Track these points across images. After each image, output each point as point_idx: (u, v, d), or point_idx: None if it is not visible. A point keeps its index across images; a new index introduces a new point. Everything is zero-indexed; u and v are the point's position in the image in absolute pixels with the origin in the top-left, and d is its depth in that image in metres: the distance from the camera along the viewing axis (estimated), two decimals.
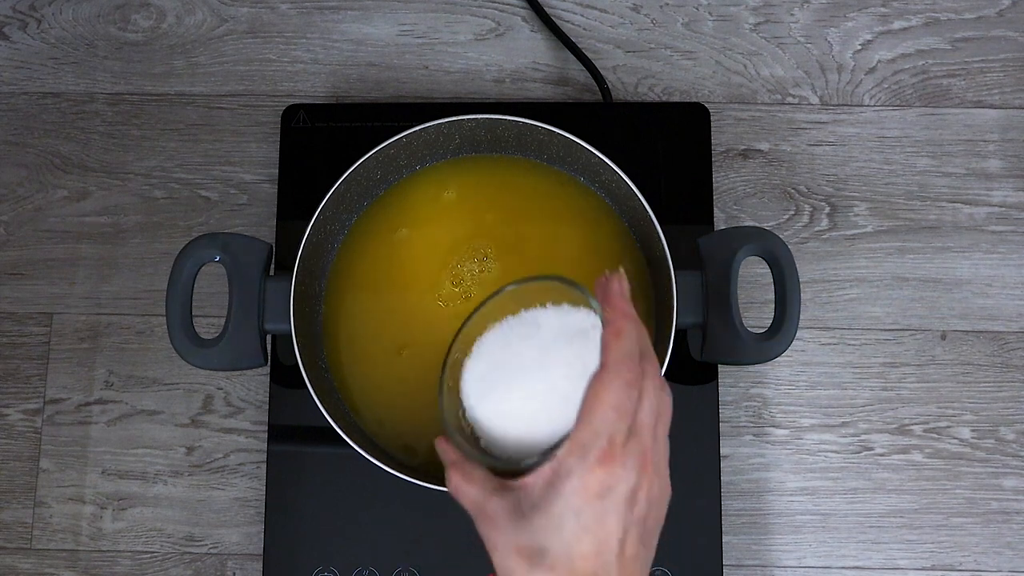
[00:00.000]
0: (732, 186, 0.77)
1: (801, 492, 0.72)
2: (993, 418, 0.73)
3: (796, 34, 0.80)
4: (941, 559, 0.71)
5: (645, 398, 0.46)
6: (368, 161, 0.66)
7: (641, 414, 0.45)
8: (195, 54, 0.80)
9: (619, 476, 0.44)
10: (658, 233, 0.63)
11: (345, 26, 0.80)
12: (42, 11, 0.81)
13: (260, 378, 0.74)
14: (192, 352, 0.63)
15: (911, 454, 0.73)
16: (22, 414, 0.74)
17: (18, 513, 0.73)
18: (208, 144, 0.78)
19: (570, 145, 0.66)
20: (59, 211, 0.77)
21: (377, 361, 0.68)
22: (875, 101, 0.78)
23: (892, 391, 0.74)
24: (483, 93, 0.79)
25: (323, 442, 0.70)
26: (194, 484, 0.73)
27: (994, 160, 0.77)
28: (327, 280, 0.69)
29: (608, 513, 0.44)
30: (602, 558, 0.44)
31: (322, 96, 0.79)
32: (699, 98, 0.78)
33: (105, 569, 0.72)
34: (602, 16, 0.80)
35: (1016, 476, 0.72)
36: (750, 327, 0.63)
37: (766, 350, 0.62)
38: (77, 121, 0.79)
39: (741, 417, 0.73)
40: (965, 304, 0.75)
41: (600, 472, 0.44)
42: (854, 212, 0.76)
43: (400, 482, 0.61)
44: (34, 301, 0.76)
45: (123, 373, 0.74)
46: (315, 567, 0.69)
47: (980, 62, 0.79)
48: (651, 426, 0.46)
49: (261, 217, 0.77)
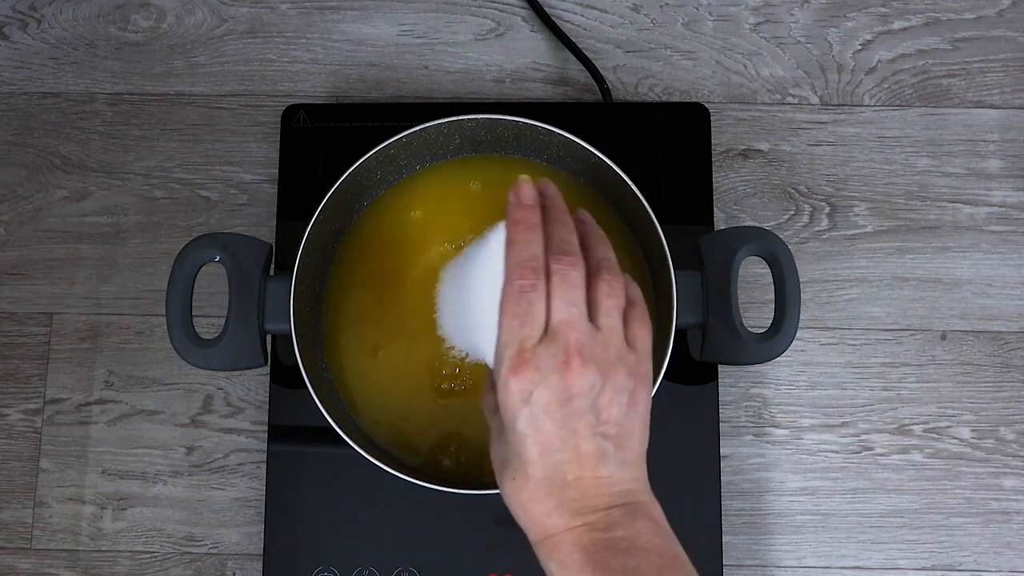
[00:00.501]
0: (732, 186, 0.77)
1: (801, 492, 0.72)
2: (993, 418, 0.73)
3: (796, 34, 0.80)
4: (941, 559, 0.71)
5: (555, 297, 0.46)
6: (368, 161, 0.66)
7: (556, 314, 0.46)
8: (195, 54, 0.80)
9: (534, 379, 0.45)
10: (658, 233, 0.63)
11: (345, 26, 0.80)
12: (42, 11, 0.81)
13: (260, 378, 0.74)
14: (192, 352, 0.63)
15: (911, 454, 0.73)
16: (22, 414, 0.74)
17: (18, 513, 0.73)
18: (208, 144, 0.78)
19: (570, 145, 0.66)
20: (59, 211, 0.77)
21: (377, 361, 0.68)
22: (875, 101, 0.78)
23: (892, 391, 0.74)
24: (483, 93, 0.79)
25: (323, 442, 0.70)
26: (194, 484, 0.73)
27: (994, 160, 0.77)
28: (327, 280, 0.69)
29: (540, 416, 0.45)
30: (550, 459, 0.46)
31: (322, 96, 0.79)
32: (699, 98, 0.78)
33: (105, 569, 0.72)
34: (602, 16, 0.80)
35: (1016, 476, 0.72)
36: (750, 327, 0.63)
37: (766, 350, 0.62)
38: (77, 121, 0.79)
39: (741, 417, 0.73)
40: (965, 304, 0.75)
41: (514, 381, 0.45)
42: (854, 212, 0.76)
43: (400, 482, 0.61)
44: (34, 301, 0.76)
45: (123, 373, 0.74)
46: (315, 567, 0.69)
47: (980, 62, 0.79)
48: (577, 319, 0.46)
49: (261, 217, 0.77)
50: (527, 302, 0.46)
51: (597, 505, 0.46)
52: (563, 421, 0.46)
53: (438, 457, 0.66)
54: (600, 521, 0.45)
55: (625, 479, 0.46)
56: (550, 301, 0.46)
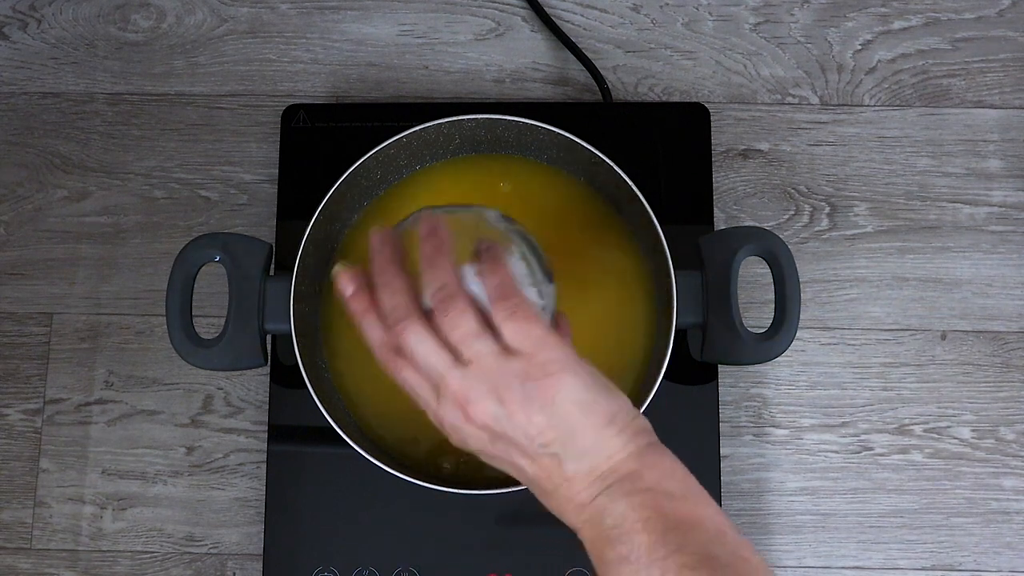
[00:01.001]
0: (732, 186, 0.77)
1: (801, 492, 0.72)
2: (993, 418, 0.73)
3: (796, 34, 0.80)
4: (941, 559, 0.71)
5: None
6: (368, 161, 0.66)
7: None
8: (195, 54, 0.80)
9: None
10: (658, 233, 0.63)
11: (345, 26, 0.80)
12: (42, 11, 0.81)
13: (260, 378, 0.74)
14: (192, 352, 0.63)
15: (911, 454, 0.73)
16: (22, 414, 0.74)
17: (18, 513, 0.73)
18: (208, 144, 0.78)
19: (570, 145, 0.66)
20: (59, 211, 0.77)
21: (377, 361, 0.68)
22: (875, 101, 0.78)
23: (892, 391, 0.74)
24: (483, 93, 0.79)
25: (323, 442, 0.70)
26: (194, 484, 0.73)
27: (994, 160, 0.77)
28: (327, 280, 0.69)
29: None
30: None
31: (322, 96, 0.79)
32: (699, 98, 0.78)
33: (105, 569, 0.72)
34: (602, 16, 0.80)
35: (1016, 476, 0.72)
36: (750, 327, 0.63)
37: (766, 350, 0.62)
38: (77, 121, 0.79)
39: (741, 417, 0.73)
40: (965, 304, 0.75)
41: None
42: (854, 212, 0.76)
43: (400, 482, 0.61)
44: (34, 301, 0.76)
45: (123, 373, 0.74)
46: (315, 567, 0.69)
47: (980, 62, 0.79)
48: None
49: (261, 217, 0.77)
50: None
51: (583, 500, 0.45)
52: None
53: (438, 458, 0.66)
54: (594, 516, 0.45)
55: (595, 464, 0.45)
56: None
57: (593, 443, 0.45)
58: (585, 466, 0.45)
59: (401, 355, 0.48)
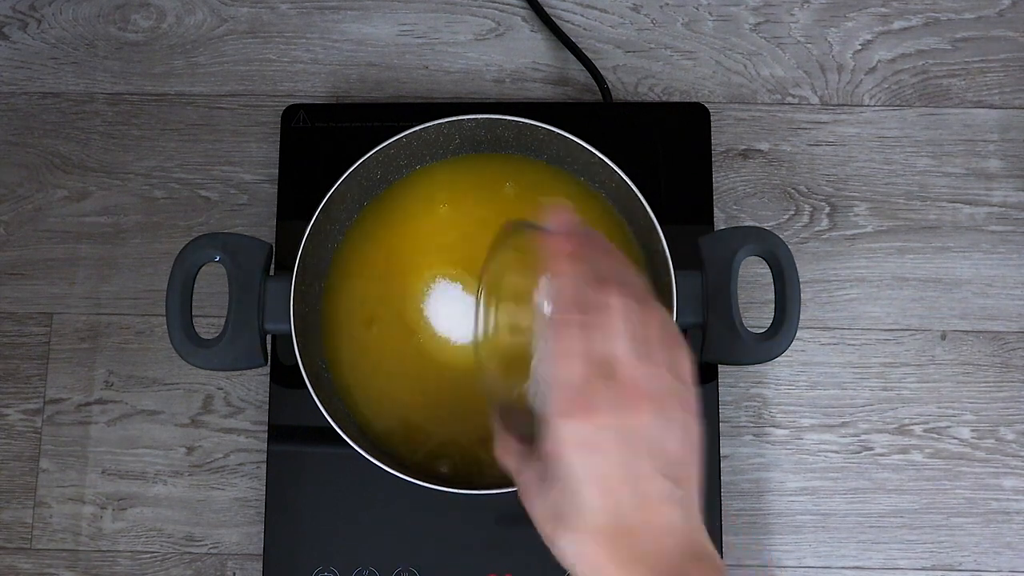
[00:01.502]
0: (732, 186, 0.77)
1: (801, 492, 0.72)
2: (993, 418, 0.73)
3: (796, 34, 0.80)
4: (941, 559, 0.71)
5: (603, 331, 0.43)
6: (368, 161, 0.66)
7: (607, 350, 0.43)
8: (195, 54, 0.80)
9: (590, 420, 0.42)
10: (658, 233, 0.63)
11: (345, 26, 0.80)
12: (42, 11, 0.81)
13: (260, 378, 0.74)
14: (192, 352, 0.63)
15: (911, 454, 0.73)
16: (22, 414, 0.74)
17: (18, 513, 0.73)
18: (208, 144, 0.78)
19: (570, 145, 0.66)
20: (59, 211, 0.77)
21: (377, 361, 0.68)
22: (875, 101, 0.78)
23: (892, 391, 0.74)
24: (483, 93, 0.79)
25: (323, 442, 0.70)
26: (194, 484, 0.73)
27: (994, 160, 0.77)
28: (327, 280, 0.69)
29: (599, 459, 0.42)
30: (613, 504, 0.42)
31: (322, 96, 0.79)
32: (699, 98, 0.78)
33: (105, 569, 0.72)
34: (602, 16, 0.80)
35: (1016, 476, 0.72)
36: (750, 327, 0.63)
37: (766, 350, 0.62)
38: (77, 121, 0.79)
39: (741, 417, 0.73)
40: (965, 304, 0.75)
41: (568, 424, 0.42)
42: (854, 212, 0.76)
43: (400, 482, 0.61)
44: (34, 301, 0.76)
45: (123, 373, 0.74)
46: (315, 567, 0.69)
47: (980, 62, 0.79)
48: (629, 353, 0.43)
49: (261, 217, 0.77)
50: (576, 339, 0.43)
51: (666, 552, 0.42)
52: (625, 463, 0.42)
53: (438, 459, 0.66)
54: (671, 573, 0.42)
55: (692, 525, 0.43)
56: (598, 336, 0.43)
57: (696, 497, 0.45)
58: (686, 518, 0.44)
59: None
